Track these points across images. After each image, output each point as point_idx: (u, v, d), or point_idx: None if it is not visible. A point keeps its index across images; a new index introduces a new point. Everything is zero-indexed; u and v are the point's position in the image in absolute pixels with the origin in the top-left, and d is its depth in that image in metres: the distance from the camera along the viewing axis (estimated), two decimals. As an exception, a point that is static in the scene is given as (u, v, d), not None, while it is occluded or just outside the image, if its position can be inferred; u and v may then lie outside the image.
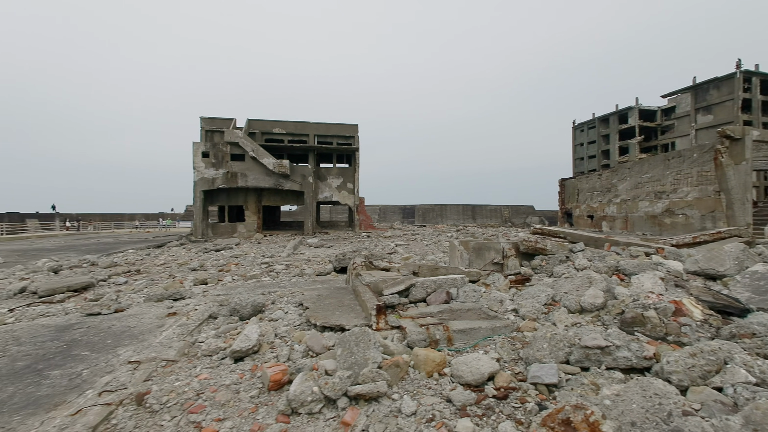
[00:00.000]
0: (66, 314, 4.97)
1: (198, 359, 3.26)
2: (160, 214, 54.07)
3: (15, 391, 2.59)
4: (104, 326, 4.18)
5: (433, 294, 4.76)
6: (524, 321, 3.74)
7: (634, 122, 45.03)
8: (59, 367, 3.02)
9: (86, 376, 2.83)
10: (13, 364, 3.08)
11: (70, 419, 2.19)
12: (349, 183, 26.82)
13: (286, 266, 10.11)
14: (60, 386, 2.66)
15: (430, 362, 2.97)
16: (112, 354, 3.30)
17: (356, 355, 2.87)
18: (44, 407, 2.36)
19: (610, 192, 25.26)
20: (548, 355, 2.84)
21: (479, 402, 2.52)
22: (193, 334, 3.88)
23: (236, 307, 4.53)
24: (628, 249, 6.20)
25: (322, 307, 4.54)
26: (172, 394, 2.58)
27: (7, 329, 4.16)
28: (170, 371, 2.99)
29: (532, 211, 62.36)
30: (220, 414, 2.41)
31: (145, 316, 4.60)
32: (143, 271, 10.06)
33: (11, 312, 5.31)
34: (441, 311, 4.21)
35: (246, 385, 2.80)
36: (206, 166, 23.53)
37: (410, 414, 2.37)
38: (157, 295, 5.60)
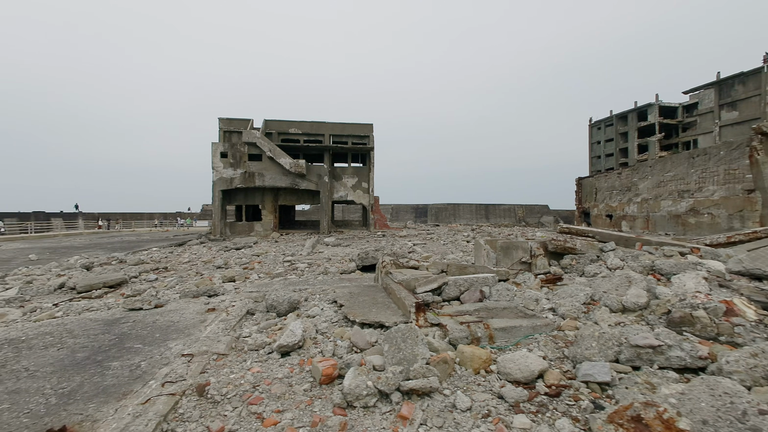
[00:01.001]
0: (109, 309, 5.15)
1: (246, 353, 3.36)
2: (177, 213, 55.31)
3: (82, 380, 2.72)
4: (149, 321, 4.33)
5: (467, 292, 4.77)
6: (565, 320, 3.72)
7: (654, 119, 43.90)
8: (117, 358, 3.15)
9: (145, 367, 2.95)
10: (74, 356, 3.23)
11: (142, 408, 2.29)
12: (364, 182, 26.91)
13: (308, 264, 10.24)
14: (123, 377, 2.78)
15: (477, 359, 2.99)
16: (164, 347, 3.42)
17: (404, 351, 2.91)
18: (114, 396, 2.47)
19: (630, 191, 24.73)
20: (597, 354, 2.84)
21: (531, 399, 2.54)
22: (236, 329, 3.99)
23: (273, 304, 4.63)
24: (661, 249, 6.08)
25: (357, 304, 4.60)
26: (230, 386, 2.67)
27: (59, 323, 4.34)
28: (223, 364, 3.09)
29: (546, 210, 61.49)
30: (278, 406, 2.49)
31: (186, 311, 4.74)
32: (170, 269, 10.32)
33: (56, 306, 5.53)
34: (477, 309, 4.23)
35: (297, 378, 2.87)
36: (224, 166, 23.95)
37: (465, 409, 2.40)
38: (192, 292, 5.76)
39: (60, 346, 3.49)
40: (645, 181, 22.90)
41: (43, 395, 2.50)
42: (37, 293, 6.71)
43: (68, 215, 47.56)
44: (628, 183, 24.94)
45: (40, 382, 2.69)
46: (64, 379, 2.74)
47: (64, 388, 2.60)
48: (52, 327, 4.15)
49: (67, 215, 47.65)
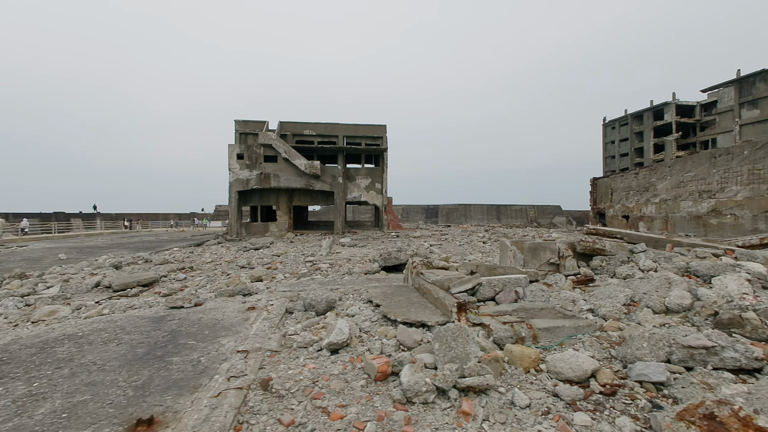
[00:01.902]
0: (150, 307, 5.33)
1: (295, 350, 3.46)
2: (191, 213, 56.26)
3: (151, 374, 2.86)
4: (194, 318, 4.48)
5: (502, 293, 4.82)
6: (607, 321, 3.75)
7: (670, 118, 43.08)
8: (176, 354, 3.29)
9: (205, 362, 3.08)
10: (134, 351, 3.38)
11: (216, 400, 2.41)
12: (378, 183, 27.03)
13: (329, 265, 10.37)
14: (187, 371, 2.91)
15: (526, 358, 3.05)
16: (216, 344, 3.55)
17: (455, 349, 2.98)
18: (186, 389, 2.60)
19: (648, 191, 24.35)
20: (648, 354, 2.87)
21: (587, 397, 2.59)
22: (280, 327, 4.11)
23: (311, 303, 4.74)
24: (693, 250, 6.03)
25: (393, 304, 4.68)
26: (291, 381, 2.77)
27: (109, 320, 4.52)
28: (277, 361, 3.20)
29: (558, 211, 60.84)
30: (340, 401, 2.58)
31: (226, 310, 4.88)
32: (195, 268, 10.56)
33: (98, 304, 5.74)
34: (515, 310, 4.27)
35: (351, 375, 2.96)
36: (241, 167, 24.31)
37: (525, 406, 2.46)
38: (227, 291, 5.91)
39: (118, 341, 3.65)
40: (664, 182, 22.53)
41: (119, 387, 2.63)
42: (76, 291, 6.96)
43: (87, 215, 48.81)
44: (646, 183, 24.56)
45: (111, 375, 2.84)
46: (133, 373, 2.88)
47: (136, 381, 2.74)
48: (103, 323, 4.33)
49: (85, 215, 48.91)
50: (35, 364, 3.15)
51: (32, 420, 2.23)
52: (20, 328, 4.47)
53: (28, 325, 4.60)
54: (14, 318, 4.93)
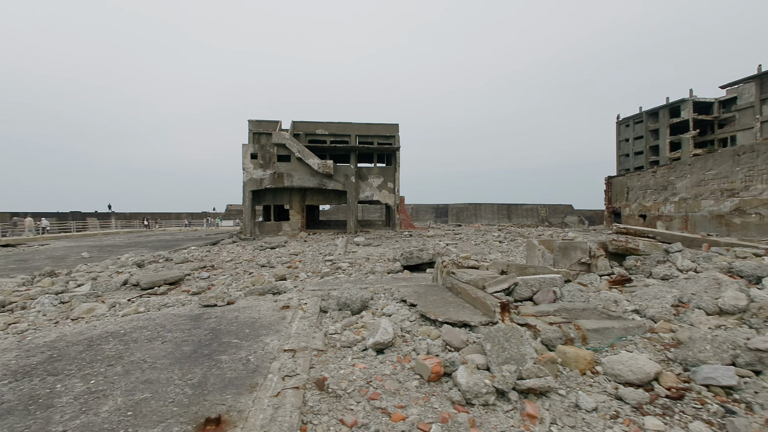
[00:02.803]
0: (183, 305, 5.36)
1: (340, 350, 3.44)
2: (203, 213, 56.96)
3: (204, 373, 2.85)
4: (231, 317, 4.49)
5: (539, 293, 4.73)
6: (657, 322, 3.65)
7: (687, 115, 42.16)
8: (222, 352, 3.29)
9: (254, 361, 3.07)
10: (181, 349, 3.39)
11: (276, 400, 2.39)
12: (390, 182, 26.99)
13: (349, 264, 10.36)
14: (239, 370, 2.90)
15: (581, 360, 2.98)
16: (260, 342, 3.54)
17: (508, 350, 2.92)
18: (243, 388, 2.58)
19: (666, 190, 23.89)
20: (712, 357, 2.77)
21: (653, 401, 2.51)
22: (319, 326, 4.09)
23: (346, 302, 4.72)
24: (732, 250, 5.86)
25: (429, 303, 4.63)
26: (345, 381, 2.74)
27: (147, 318, 4.56)
28: (325, 360, 3.17)
29: (570, 210, 60.10)
30: (398, 401, 2.54)
31: (260, 308, 4.88)
32: (216, 267, 10.64)
33: (131, 302, 5.81)
34: (556, 310, 4.19)
35: (403, 375, 2.92)
36: (254, 167, 24.49)
37: (591, 410, 2.39)
38: (257, 290, 5.93)
39: (162, 339, 3.66)
40: (683, 180, 22.07)
41: (177, 386, 2.63)
42: (106, 289, 7.05)
43: (102, 215, 49.71)
44: (664, 182, 24.10)
45: (165, 374, 2.84)
46: (186, 372, 2.88)
47: (191, 379, 2.74)
48: (143, 321, 4.36)
49: (101, 215, 49.82)
50: (86, 361, 3.17)
51: (99, 417, 2.24)
52: (61, 325, 4.54)
53: (68, 322, 4.66)
54: (53, 315, 5.01)
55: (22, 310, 5.38)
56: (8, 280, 7.64)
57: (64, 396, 2.53)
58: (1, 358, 3.32)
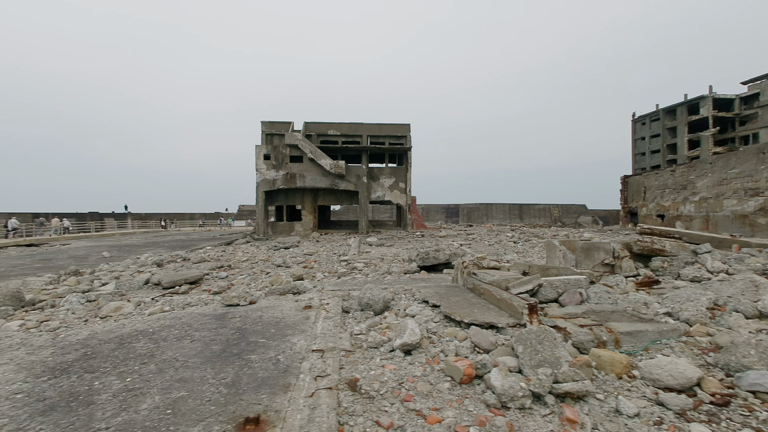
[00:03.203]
0: (206, 304, 5.43)
1: (367, 350, 3.43)
2: (215, 213, 57.82)
3: (236, 372, 2.87)
4: (254, 316, 4.52)
5: (565, 294, 4.65)
6: (693, 326, 3.54)
7: (706, 113, 41.04)
8: (251, 352, 3.31)
9: (284, 361, 3.08)
10: (210, 348, 3.42)
11: (312, 400, 2.39)
12: (401, 182, 26.93)
13: (365, 264, 10.36)
14: (270, 369, 2.91)
15: (617, 364, 2.91)
16: (287, 342, 3.55)
17: (542, 353, 2.87)
18: (277, 388, 2.59)
19: (685, 189, 23.29)
20: (757, 363, 2.67)
21: (697, 407, 2.43)
22: (344, 327, 4.09)
23: (368, 302, 4.71)
24: (765, 251, 5.66)
25: (452, 304, 4.59)
26: (376, 382, 2.73)
27: (173, 316, 4.63)
28: (354, 361, 3.16)
29: (584, 210, 59.10)
30: (431, 404, 2.51)
31: (283, 308, 4.91)
32: (234, 266, 10.76)
33: (155, 301, 5.90)
34: (584, 312, 4.11)
35: (433, 377, 2.89)
36: (267, 167, 24.72)
37: (633, 415, 2.33)
38: (278, 290, 5.96)
39: (190, 338, 3.71)
40: (704, 179, 21.49)
41: (211, 385, 2.65)
42: (129, 288, 7.19)
43: (119, 215, 50.88)
44: (684, 181, 23.51)
45: (198, 372, 2.87)
46: (219, 371, 2.90)
47: (224, 378, 2.76)
48: (169, 320, 4.43)
49: (117, 215, 51.00)
50: (120, 359, 3.23)
51: (139, 415, 2.27)
52: (91, 323, 4.63)
53: (97, 320, 4.76)
54: (82, 313, 5.12)
55: (51, 308, 5.52)
56: (36, 279, 7.86)
57: (103, 393, 2.57)
58: (39, 354, 3.40)
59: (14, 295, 5.54)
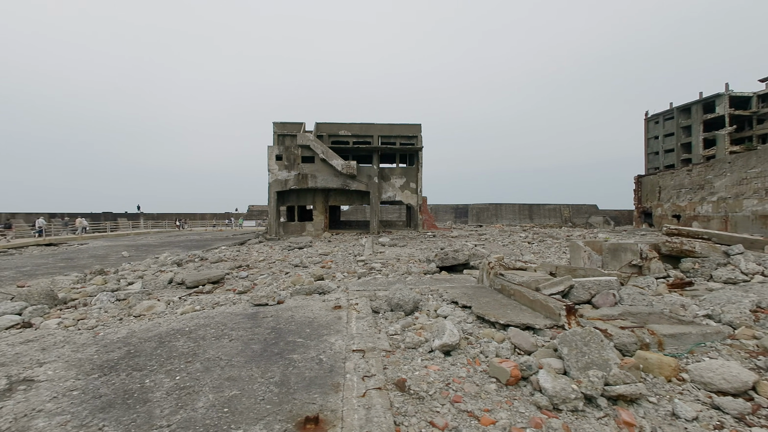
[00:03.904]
0: (233, 304, 5.48)
1: (405, 351, 3.43)
2: (226, 213, 58.44)
3: (282, 371, 2.90)
4: (286, 316, 4.56)
5: (599, 296, 4.60)
6: (737, 328, 3.48)
7: (723, 111, 40.22)
8: (292, 351, 3.34)
9: (327, 361, 3.09)
10: (251, 348, 3.46)
11: (365, 400, 2.40)
12: (412, 182, 26.90)
13: (382, 264, 10.37)
14: (315, 369, 2.93)
15: (665, 367, 2.87)
16: (324, 342, 3.58)
17: (588, 355, 2.84)
18: (327, 387, 2.61)
19: (703, 189, 22.87)
20: (814, 367, 2.61)
21: (755, 412, 2.38)
22: (377, 326, 4.10)
23: (399, 303, 4.71)
24: (801, 252, 5.53)
25: (483, 305, 4.57)
26: (423, 383, 2.73)
27: (206, 316, 4.69)
28: (395, 361, 3.17)
29: (594, 210, 58.40)
30: (482, 405, 2.51)
31: (312, 308, 4.94)
32: (252, 266, 10.85)
33: (183, 300, 5.98)
34: (621, 314, 4.06)
35: (478, 378, 2.89)
36: (279, 168, 24.89)
37: (691, 419, 2.30)
38: (304, 290, 6.00)
39: (228, 338, 3.75)
40: (722, 179, 21.08)
41: (260, 384, 2.68)
42: (155, 287, 7.30)
43: (132, 215, 51.71)
44: (701, 180, 23.09)
45: (245, 371, 2.90)
46: (265, 370, 2.93)
47: (272, 377, 2.79)
48: (203, 319, 4.48)
49: (130, 215, 51.84)
50: (163, 357, 3.28)
51: (197, 413, 2.30)
52: (126, 322, 4.71)
53: (131, 319, 4.84)
54: (115, 312, 5.21)
55: (84, 307, 5.63)
56: (64, 278, 8.02)
57: (156, 391, 2.62)
58: (84, 352, 3.47)
59: (48, 293, 5.66)
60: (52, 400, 2.53)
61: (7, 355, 3.42)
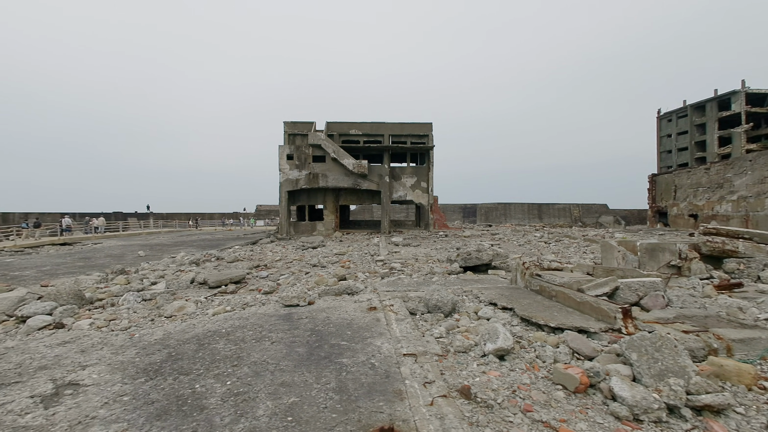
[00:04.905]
0: (263, 305, 5.38)
1: (456, 355, 3.29)
2: (233, 213, 58.76)
3: (336, 377, 2.77)
4: (321, 317, 4.44)
5: (647, 298, 4.42)
6: (810, 333, 3.28)
7: (739, 108, 39.41)
8: (339, 355, 3.21)
9: (380, 366, 2.96)
10: (295, 351, 3.34)
11: (434, 409, 2.26)
12: (423, 182, 26.72)
13: (401, 264, 10.23)
14: (370, 374, 2.80)
15: (745, 374, 2.69)
16: (370, 345, 3.44)
17: (662, 361, 2.68)
18: (389, 395, 2.48)
19: (722, 188, 22.39)
20: None
21: None
22: (419, 329, 3.96)
23: (437, 304, 4.57)
24: None
25: (525, 307, 4.41)
26: (488, 390, 2.58)
27: (239, 317, 4.58)
28: (450, 366, 3.03)
29: (605, 209, 57.73)
30: (555, 414, 2.36)
31: (346, 309, 4.82)
32: (269, 266, 10.77)
33: (209, 300, 5.89)
34: (676, 317, 3.87)
35: (542, 385, 2.73)
36: (290, 167, 24.86)
37: (793, 433, 2.12)
38: (333, 290, 5.88)
39: (269, 340, 3.64)
40: (742, 177, 20.61)
41: (318, 390, 2.56)
42: (178, 287, 7.23)
43: (141, 215, 52.18)
44: (719, 179, 22.61)
45: (297, 376, 2.78)
46: (317, 375, 2.81)
47: (327, 383, 2.66)
48: (237, 321, 4.38)
49: (140, 215, 52.32)
50: (207, 360, 3.17)
51: (259, 422, 2.18)
52: (158, 323, 4.62)
53: (163, 320, 4.76)
54: (144, 313, 5.14)
55: (112, 307, 5.57)
56: (86, 277, 8.00)
57: (210, 397, 2.50)
58: (124, 355, 3.38)
59: (76, 293, 5.61)
60: (104, 406, 2.43)
61: (47, 358, 3.34)
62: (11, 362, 3.24)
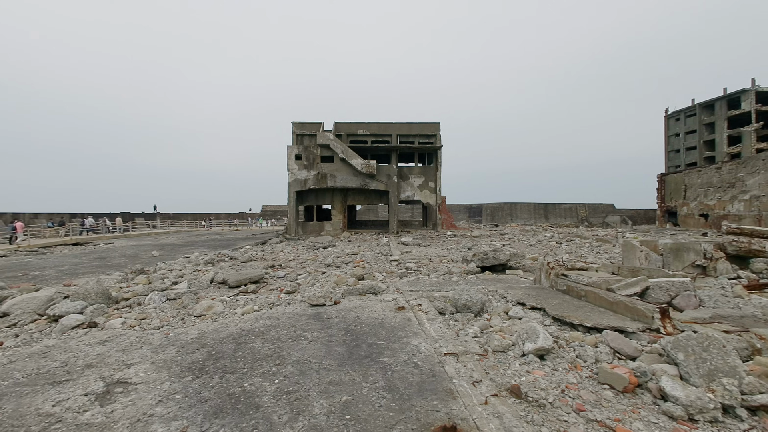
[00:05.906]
0: (288, 304, 5.41)
1: (496, 354, 3.29)
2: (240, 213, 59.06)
3: (384, 376, 2.79)
4: (352, 317, 4.46)
5: (680, 298, 4.40)
6: None
7: (749, 107, 39.01)
8: (379, 354, 3.23)
9: (423, 365, 2.98)
10: (335, 350, 3.36)
11: (491, 408, 2.27)
12: (431, 182, 26.71)
13: (416, 264, 10.23)
14: (416, 374, 2.82)
15: (795, 375, 2.67)
16: (407, 344, 3.46)
17: (711, 361, 2.67)
18: (441, 393, 2.49)
19: (734, 187, 22.18)
20: None
21: None
22: (452, 328, 3.97)
23: (466, 304, 4.58)
24: None
25: (556, 307, 4.40)
26: (537, 390, 2.59)
27: (270, 316, 4.62)
28: (492, 365, 3.04)
29: (611, 209, 57.36)
30: (608, 414, 2.36)
31: (374, 308, 4.84)
32: (284, 266, 10.82)
33: (235, 299, 5.94)
34: (712, 317, 3.86)
35: (588, 384, 2.73)
36: (299, 168, 24.94)
37: None
38: (357, 290, 5.91)
39: (306, 339, 3.66)
40: (755, 176, 20.40)
41: (368, 389, 2.58)
42: (199, 287, 7.29)
43: (149, 215, 52.57)
44: (731, 179, 22.40)
45: (343, 375, 2.80)
46: (363, 374, 2.83)
47: (375, 382, 2.68)
48: (269, 320, 4.41)
49: (147, 215, 52.72)
50: (249, 359, 3.20)
51: (318, 420, 2.20)
52: (188, 322, 4.67)
53: (193, 319, 4.80)
54: (172, 312, 5.19)
55: (138, 306, 5.63)
56: (107, 277, 8.08)
57: (262, 395, 2.53)
58: (165, 354, 3.42)
59: (104, 293, 5.67)
60: (159, 404, 2.46)
61: (91, 356, 3.39)
62: (57, 360, 3.29)
